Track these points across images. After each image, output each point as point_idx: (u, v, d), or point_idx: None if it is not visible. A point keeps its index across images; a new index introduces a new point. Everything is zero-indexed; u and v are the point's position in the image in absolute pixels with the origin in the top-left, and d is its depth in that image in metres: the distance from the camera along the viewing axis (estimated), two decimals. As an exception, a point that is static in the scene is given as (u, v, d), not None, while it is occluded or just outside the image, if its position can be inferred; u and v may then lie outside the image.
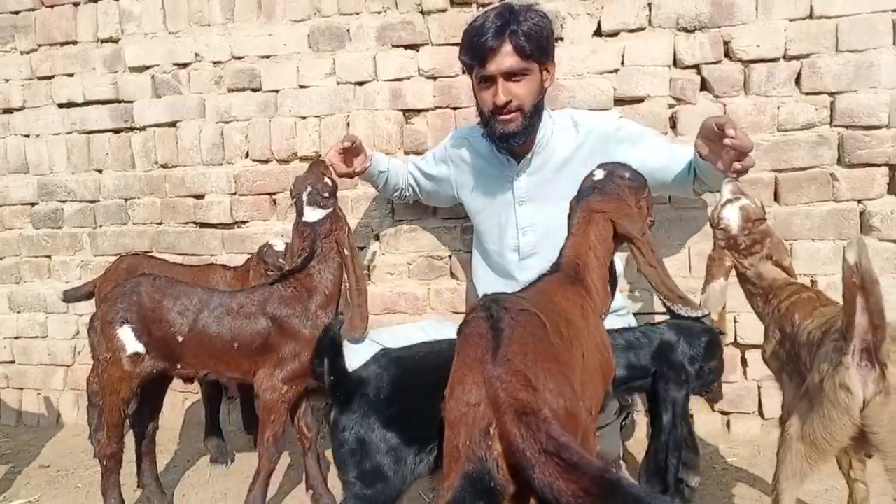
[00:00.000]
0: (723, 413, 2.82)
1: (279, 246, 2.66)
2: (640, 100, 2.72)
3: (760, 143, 2.64)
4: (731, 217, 1.95)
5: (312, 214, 2.23)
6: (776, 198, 2.67)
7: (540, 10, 2.21)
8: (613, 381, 1.67)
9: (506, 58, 2.13)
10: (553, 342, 1.26)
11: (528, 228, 2.39)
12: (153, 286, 2.20)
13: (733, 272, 2.01)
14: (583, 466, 0.99)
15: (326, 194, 2.25)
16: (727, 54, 2.67)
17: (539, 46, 2.15)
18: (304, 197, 2.25)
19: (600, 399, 1.51)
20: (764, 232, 1.96)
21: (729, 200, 1.96)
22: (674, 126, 2.72)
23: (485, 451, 1.09)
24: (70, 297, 2.98)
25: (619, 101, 2.74)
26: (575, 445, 1.03)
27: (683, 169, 2.24)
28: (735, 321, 2.73)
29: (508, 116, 2.21)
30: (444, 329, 2.58)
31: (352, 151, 2.42)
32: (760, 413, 2.77)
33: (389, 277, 3.04)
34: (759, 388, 2.76)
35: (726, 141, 1.88)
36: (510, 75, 2.16)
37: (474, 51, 2.17)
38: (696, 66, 2.69)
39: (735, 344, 2.75)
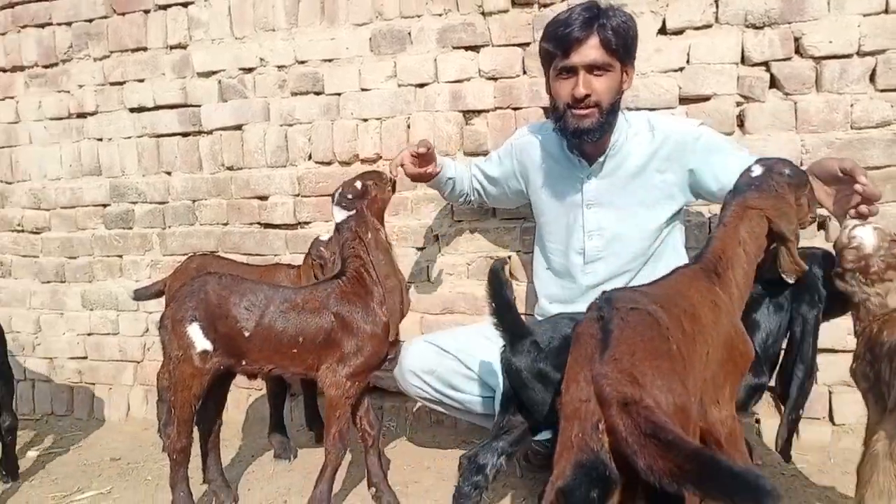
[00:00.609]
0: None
1: (324, 237, 2.72)
2: (707, 98, 2.67)
3: (833, 141, 2.57)
4: (866, 236, 1.76)
5: (338, 215, 2.30)
6: (849, 198, 2.59)
7: (626, 10, 2.20)
8: None
9: (591, 50, 2.12)
10: (668, 339, 1.30)
11: (594, 233, 2.37)
12: (220, 284, 2.26)
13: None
14: (678, 445, 1.06)
15: (351, 196, 2.29)
16: (798, 51, 2.60)
17: (624, 44, 2.14)
18: (334, 199, 2.32)
19: (733, 389, 1.56)
20: None
21: (858, 225, 1.81)
22: (741, 125, 2.66)
23: (596, 443, 1.17)
24: (140, 295, 3.08)
25: (685, 100, 2.69)
26: (672, 427, 1.10)
27: None
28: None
29: (585, 111, 2.17)
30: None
31: (425, 157, 2.44)
32: (831, 419, 2.68)
33: (449, 278, 3.05)
34: (829, 393, 2.67)
35: (857, 188, 1.82)
36: (592, 69, 2.14)
37: (559, 40, 2.15)
38: (765, 64, 2.62)
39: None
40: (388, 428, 3.06)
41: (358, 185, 2.32)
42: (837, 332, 2.47)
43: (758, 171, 1.75)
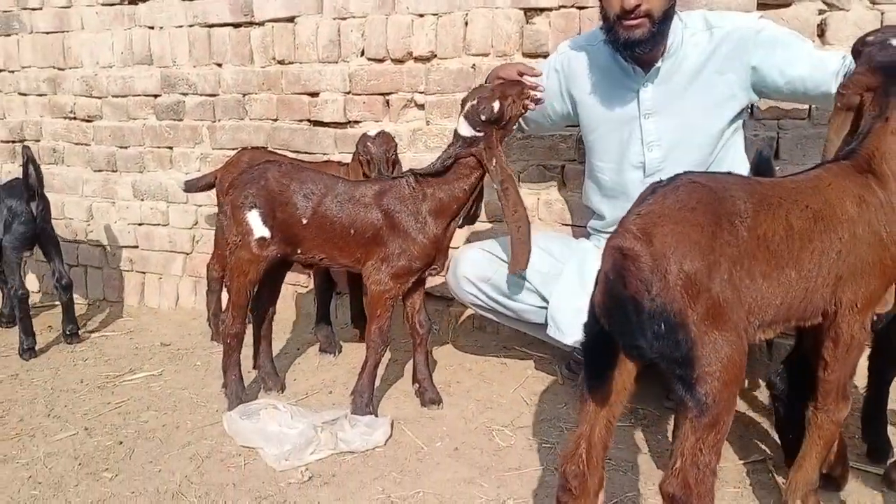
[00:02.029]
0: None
1: (371, 132, 2.66)
2: (787, 4, 2.50)
3: (919, 56, 2.40)
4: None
5: (464, 129, 2.16)
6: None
7: None
8: None
9: None
10: (724, 220, 1.30)
11: (654, 143, 2.29)
12: (280, 171, 2.26)
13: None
14: (620, 295, 1.20)
15: (483, 117, 2.12)
16: (891, -45, 2.41)
17: None
18: (466, 107, 2.16)
19: (875, 295, 1.53)
20: None
21: None
22: (821, 34, 2.50)
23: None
24: (191, 186, 3.10)
25: (763, 5, 2.52)
26: (636, 283, 1.20)
27: (830, 78, 2.05)
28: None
29: (636, 22, 2.08)
30: (556, 241, 2.54)
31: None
32: None
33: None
34: None
35: None
36: None
37: None
38: (854, -32, 2.45)
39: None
40: (432, 331, 3.09)
41: (496, 106, 2.12)
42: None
43: None
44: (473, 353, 2.90)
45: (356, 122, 3.18)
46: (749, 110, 2.44)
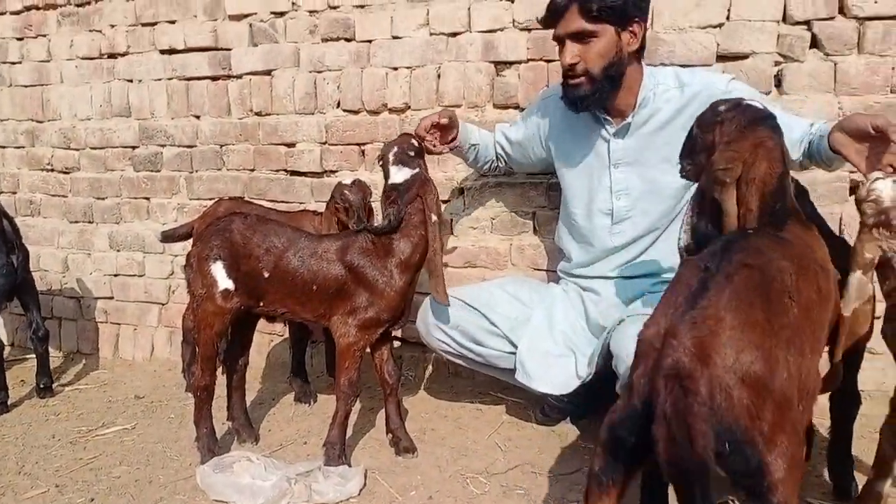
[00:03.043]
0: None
1: (346, 180, 2.69)
2: (745, 56, 2.61)
3: (872, 105, 2.51)
4: (884, 189, 1.63)
5: (398, 175, 2.24)
6: (887, 164, 2.53)
7: None
8: None
9: (571, 20, 2.11)
10: (780, 304, 1.23)
11: (622, 192, 2.35)
12: (245, 223, 2.28)
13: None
14: (684, 447, 1.08)
15: (412, 153, 2.25)
16: (841, 10, 2.52)
17: (609, 7, 2.09)
18: (391, 156, 2.26)
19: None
20: None
21: (879, 178, 1.66)
22: (778, 84, 2.60)
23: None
24: (168, 237, 3.10)
25: (722, 58, 2.63)
26: (701, 421, 1.08)
27: (793, 145, 2.06)
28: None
29: (575, 80, 2.19)
30: (524, 286, 2.58)
31: (446, 127, 2.40)
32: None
33: (472, 232, 3.04)
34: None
35: (894, 147, 1.72)
36: (576, 37, 2.13)
37: (546, 11, 2.19)
38: (807, 23, 2.55)
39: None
40: (406, 377, 3.09)
41: (415, 142, 2.29)
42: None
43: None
44: (448, 399, 2.90)
45: (332, 171, 3.23)
46: None
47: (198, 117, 3.45)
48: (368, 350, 2.32)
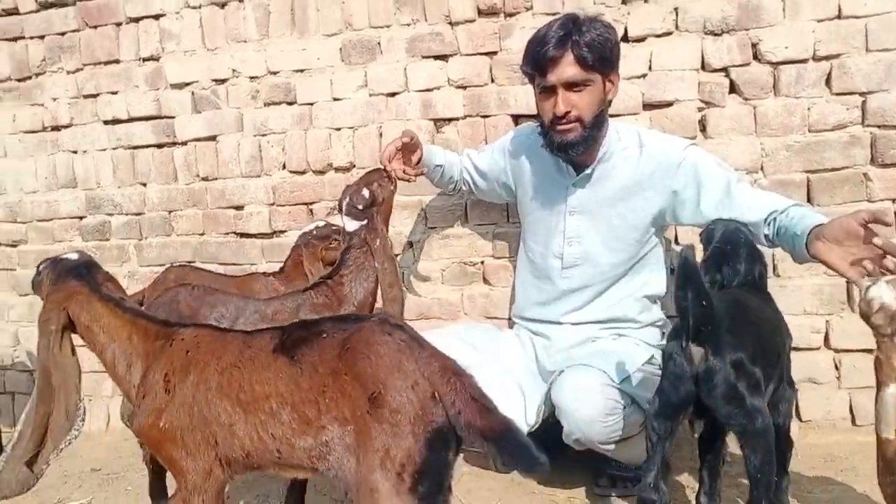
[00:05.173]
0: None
1: (308, 227, 2.73)
2: (669, 104, 2.74)
3: (792, 144, 2.64)
4: (885, 295, 1.54)
5: (349, 225, 2.33)
6: (809, 199, 2.65)
7: (604, 20, 2.24)
8: None
9: (567, 68, 2.14)
10: None
11: (574, 239, 2.40)
12: (191, 295, 2.29)
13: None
14: (494, 412, 1.41)
15: (361, 206, 2.32)
16: (755, 56, 2.67)
17: (601, 57, 2.15)
18: (343, 207, 2.35)
19: None
20: None
21: (870, 285, 1.59)
22: (703, 129, 2.73)
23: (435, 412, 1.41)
24: (118, 306, 3.09)
25: (648, 106, 2.76)
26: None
27: (755, 221, 2.10)
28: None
29: (568, 127, 2.21)
30: (477, 331, 2.63)
31: (410, 147, 2.45)
32: (798, 416, 2.75)
33: (423, 284, 3.10)
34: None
35: (876, 241, 1.74)
36: (571, 85, 2.17)
37: (536, 61, 2.19)
38: (725, 70, 2.69)
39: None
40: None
41: (366, 192, 2.34)
42: (800, 332, 2.55)
43: None
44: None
45: (282, 231, 3.27)
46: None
47: (144, 185, 3.47)
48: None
